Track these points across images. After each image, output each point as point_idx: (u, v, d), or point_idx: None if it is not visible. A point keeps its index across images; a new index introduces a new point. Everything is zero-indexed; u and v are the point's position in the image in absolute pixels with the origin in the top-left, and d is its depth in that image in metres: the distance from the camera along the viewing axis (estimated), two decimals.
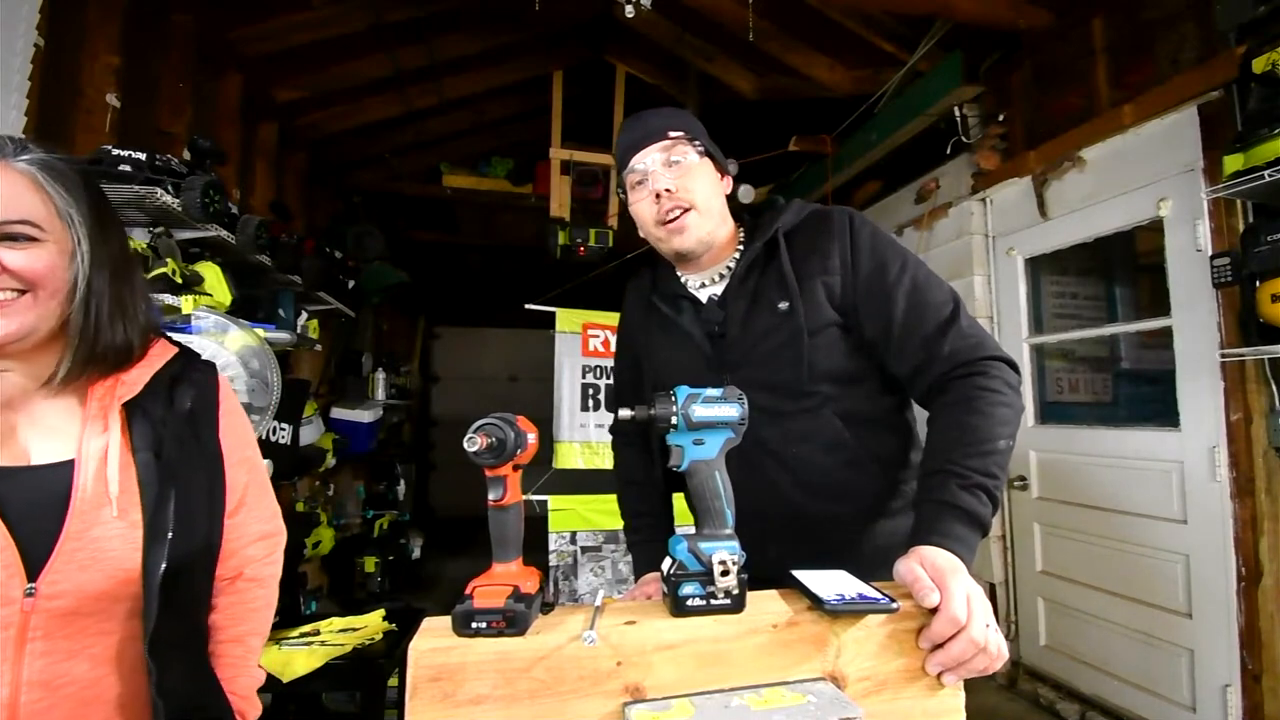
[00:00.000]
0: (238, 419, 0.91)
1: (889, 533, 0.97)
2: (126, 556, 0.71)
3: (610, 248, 3.73)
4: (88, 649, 0.71)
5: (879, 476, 0.98)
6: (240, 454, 0.89)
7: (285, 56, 3.00)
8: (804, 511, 0.97)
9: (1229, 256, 1.91)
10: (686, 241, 0.99)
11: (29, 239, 0.70)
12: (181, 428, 0.80)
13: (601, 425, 3.11)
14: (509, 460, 0.68)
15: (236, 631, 0.90)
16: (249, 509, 0.91)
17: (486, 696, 0.63)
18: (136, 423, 0.76)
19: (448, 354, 7.48)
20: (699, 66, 3.70)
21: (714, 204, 1.01)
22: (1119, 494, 2.41)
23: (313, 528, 3.18)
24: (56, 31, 1.75)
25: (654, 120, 1.01)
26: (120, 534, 0.71)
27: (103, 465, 0.72)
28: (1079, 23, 2.54)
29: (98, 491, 0.71)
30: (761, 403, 0.94)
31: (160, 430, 0.77)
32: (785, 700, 0.64)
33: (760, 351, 0.98)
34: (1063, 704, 2.59)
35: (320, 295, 2.97)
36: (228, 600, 0.90)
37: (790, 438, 0.97)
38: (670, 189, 0.97)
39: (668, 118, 1.01)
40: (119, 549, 0.71)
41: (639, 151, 0.99)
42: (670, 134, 0.98)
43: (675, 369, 1.04)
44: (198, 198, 1.79)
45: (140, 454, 0.74)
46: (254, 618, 0.92)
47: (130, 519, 0.72)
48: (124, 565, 0.71)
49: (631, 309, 1.20)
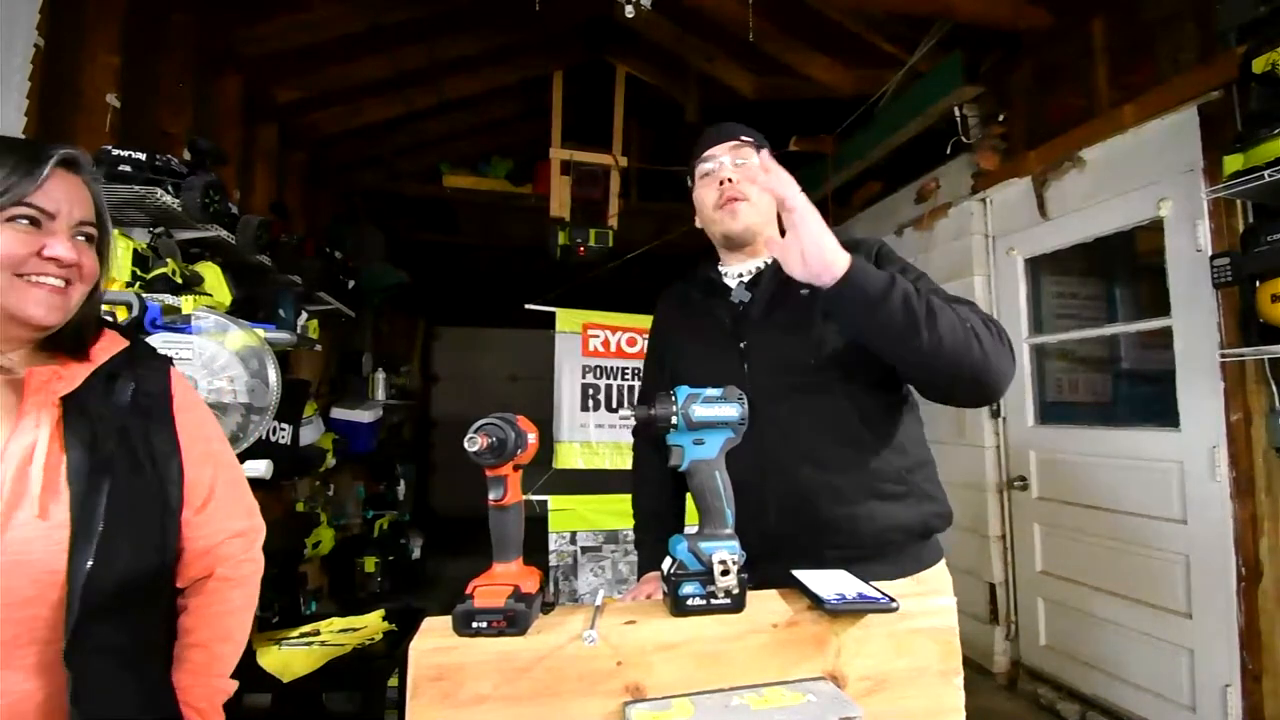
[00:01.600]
0: (196, 414, 0.89)
1: (888, 515, 0.99)
2: (51, 559, 0.69)
3: (610, 248, 3.73)
4: (15, 659, 0.68)
5: (880, 458, 1.01)
6: (201, 449, 0.87)
7: (285, 57, 3.00)
8: (801, 480, 0.99)
9: (1229, 257, 1.90)
10: (736, 224, 1.11)
11: (88, 238, 0.78)
12: (124, 421, 0.78)
13: (601, 425, 3.11)
14: (509, 460, 0.68)
15: (204, 635, 0.87)
16: (218, 506, 0.89)
17: (487, 696, 0.63)
18: (72, 418, 0.74)
19: (448, 354, 7.47)
20: (699, 66, 3.70)
21: (764, 201, 1.12)
22: (1119, 494, 2.41)
23: (313, 528, 3.18)
24: (56, 31, 1.75)
25: (732, 127, 1.16)
26: (42, 535, 0.69)
27: (26, 463, 0.70)
28: (1079, 23, 2.54)
29: (16, 490, 0.69)
30: (774, 377, 1.02)
31: (96, 425, 0.75)
32: (785, 700, 0.64)
33: (778, 329, 1.05)
34: (1063, 704, 2.59)
35: (320, 295, 2.97)
36: (199, 602, 0.88)
37: (797, 412, 1.01)
38: (732, 179, 1.10)
39: (744, 128, 1.16)
40: (41, 551, 0.68)
41: (713, 146, 1.13)
42: (743, 137, 1.13)
43: (696, 346, 1.14)
44: (198, 198, 1.79)
45: (71, 450, 0.73)
46: (227, 621, 0.89)
47: (55, 519, 0.70)
48: (49, 568, 0.69)
49: (664, 310, 1.30)
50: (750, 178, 1.10)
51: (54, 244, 0.72)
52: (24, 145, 0.74)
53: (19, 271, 0.71)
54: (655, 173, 4.75)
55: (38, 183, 0.71)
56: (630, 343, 3.14)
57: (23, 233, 0.71)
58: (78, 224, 0.75)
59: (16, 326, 0.73)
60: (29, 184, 0.71)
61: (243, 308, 2.10)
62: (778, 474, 1.00)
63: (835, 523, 0.98)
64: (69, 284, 0.74)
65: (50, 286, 0.73)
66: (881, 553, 0.99)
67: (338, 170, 4.20)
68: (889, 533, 0.99)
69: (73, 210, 0.75)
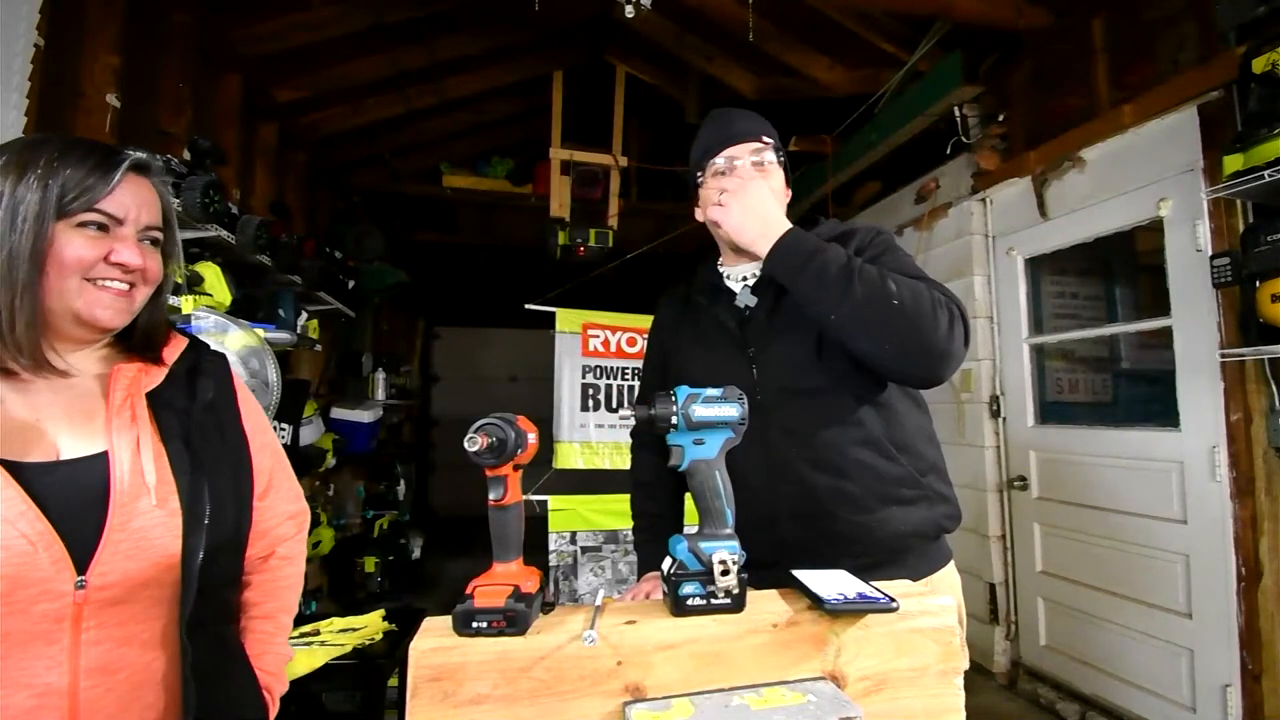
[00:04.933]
0: (254, 405, 0.94)
1: (901, 519, 0.98)
2: (169, 543, 0.74)
3: (610, 248, 3.73)
4: (138, 635, 0.73)
5: (892, 460, 0.99)
6: (262, 439, 0.93)
7: (285, 56, 3.00)
8: (815, 488, 0.98)
9: (1229, 256, 1.91)
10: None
11: (153, 241, 0.79)
12: (205, 417, 0.83)
13: (601, 425, 3.11)
14: (509, 460, 0.68)
15: (268, 608, 0.93)
16: (276, 491, 0.95)
17: (487, 696, 0.63)
18: (162, 413, 0.78)
19: (448, 354, 7.47)
20: (699, 66, 3.70)
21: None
22: (1119, 494, 2.41)
23: (312, 528, 3.16)
24: (56, 31, 1.75)
25: (748, 122, 1.10)
26: (161, 522, 0.74)
27: (136, 456, 0.74)
28: (1079, 23, 2.54)
29: (135, 482, 0.73)
30: (781, 383, 1.01)
31: (186, 420, 0.80)
32: (785, 700, 0.64)
33: (784, 333, 1.02)
34: (1063, 704, 2.59)
35: (320, 295, 2.97)
36: (261, 578, 0.94)
37: (807, 417, 1.00)
38: None
39: (760, 123, 1.10)
40: (161, 537, 0.74)
41: (732, 146, 1.07)
42: (764, 138, 1.08)
43: (702, 352, 1.11)
44: (198, 198, 1.79)
45: (171, 443, 0.77)
46: (285, 594, 0.96)
47: (169, 507, 0.75)
48: (167, 551, 0.74)
49: (664, 311, 1.27)
50: (769, 176, 1.07)
51: (121, 249, 0.75)
52: (97, 149, 0.75)
53: (88, 275, 0.74)
54: (655, 173, 4.75)
55: (110, 188, 0.73)
56: (630, 343, 3.14)
57: (92, 237, 0.73)
58: (144, 228, 0.78)
59: (82, 329, 0.75)
60: (101, 189, 0.73)
61: (243, 308, 2.10)
62: (791, 482, 0.99)
63: (852, 531, 0.97)
64: (133, 287, 0.77)
65: (116, 290, 0.76)
66: (895, 558, 0.98)
67: (338, 170, 4.20)
68: (905, 538, 0.98)
69: (140, 215, 0.77)
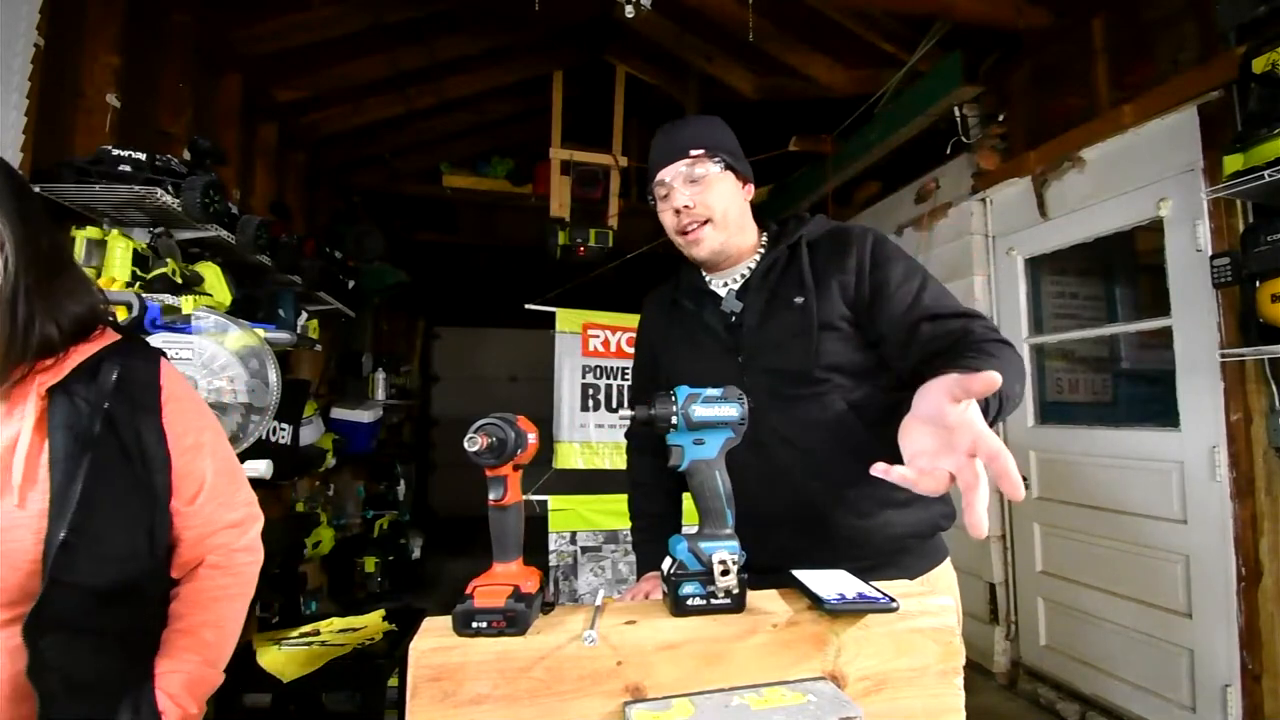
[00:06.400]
0: (186, 405, 0.89)
1: (899, 523, 0.98)
2: (33, 548, 0.71)
3: (610, 248, 3.73)
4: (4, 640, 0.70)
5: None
6: (193, 440, 0.88)
7: (285, 56, 3.00)
8: (812, 496, 0.98)
9: (1229, 256, 1.91)
10: (701, 251, 1.06)
11: None
12: (109, 407, 0.79)
13: (601, 425, 3.11)
14: (509, 460, 0.68)
15: (190, 622, 0.86)
16: (213, 497, 0.89)
17: (487, 696, 0.63)
18: (57, 405, 0.76)
19: (448, 354, 7.47)
20: (699, 66, 3.70)
21: (731, 215, 1.06)
22: (1119, 494, 2.41)
23: (313, 528, 3.18)
24: (56, 31, 1.75)
25: (679, 137, 1.06)
26: (23, 524, 0.71)
27: (9, 454, 0.72)
28: (1079, 23, 2.54)
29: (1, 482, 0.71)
30: (773, 389, 1.00)
31: (78, 409, 0.76)
32: (785, 700, 0.64)
33: (774, 339, 1.01)
34: (1063, 704, 2.59)
35: (320, 295, 2.97)
36: (188, 588, 0.88)
37: (800, 423, 0.99)
38: (689, 205, 1.03)
39: (693, 133, 1.06)
40: (21, 539, 0.70)
41: (664, 167, 1.05)
42: (692, 152, 1.03)
43: (692, 358, 1.09)
44: (198, 198, 1.79)
45: (52, 435, 0.74)
46: (215, 608, 0.88)
47: (33, 509, 0.71)
48: (29, 556, 0.71)
49: (651, 313, 1.25)
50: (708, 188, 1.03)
51: None
52: None
53: None
54: None
55: None
56: (630, 343, 3.14)
57: None
58: None
59: None
60: None
61: (243, 308, 2.10)
62: (787, 488, 0.99)
63: (850, 536, 0.97)
64: None
65: None
66: (893, 559, 0.98)
67: (338, 170, 4.20)
68: (902, 540, 0.99)
69: None
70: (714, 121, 1.10)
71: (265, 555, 0.97)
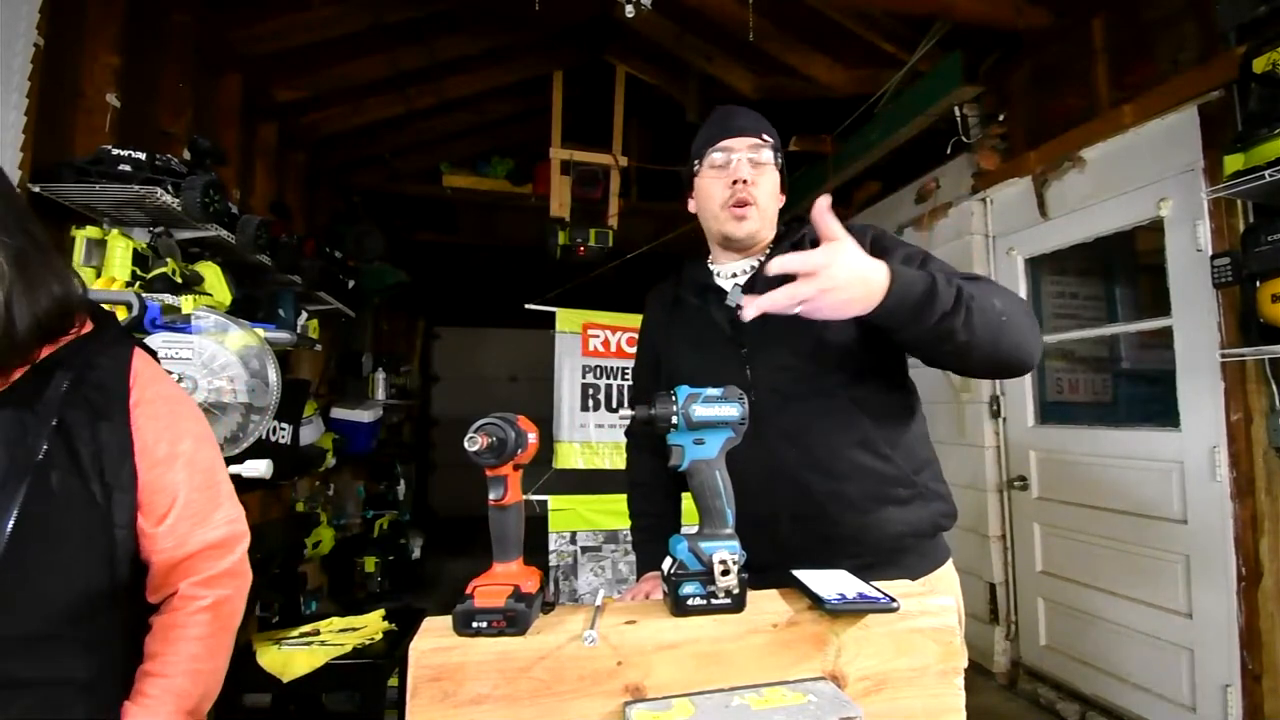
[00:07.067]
0: (160, 408, 0.80)
1: (899, 520, 0.98)
2: None
3: (610, 247, 3.73)
4: None
5: (889, 462, 0.99)
6: (166, 450, 0.78)
7: (285, 56, 3.00)
8: (812, 490, 0.98)
9: (1229, 256, 1.90)
10: (741, 230, 1.08)
11: None
12: (62, 417, 0.71)
13: (601, 425, 3.11)
14: (509, 460, 0.68)
15: (163, 664, 0.77)
16: (186, 515, 0.79)
17: (487, 696, 0.63)
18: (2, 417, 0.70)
19: (448, 354, 7.47)
20: (699, 66, 3.70)
21: (770, 208, 1.10)
22: (1119, 494, 2.41)
23: (313, 528, 3.18)
24: (56, 31, 1.75)
25: (750, 118, 1.10)
26: None
27: None
28: (1079, 23, 2.54)
29: None
30: (776, 383, 1.01)
31: (22, 423, 0.69)
32: (785, 700, 0.64)
33: (778, 333, 1.01)
34: (1063, 704, 2.59)
35: (320, 295, 2.97)
36: (161, 623, 0.79)
37: (803, 417, 1.00)
38: (749, 180, 1.06)
39: (761, 123, 1.11)
40: None
41: (733, 138, 1.08)
42: (764, 136, 1.09)
43: (696, 353, 1.10)
44: (198, 198, 1.79)
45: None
46: (189, 649, 0.78)
47: None
48: None
49: (653, 311, 1.26)
50: (765, 175, 1.07)
51: None
52: None
53: None
54: (655, 173, 4.75)
55: None
56: (630, 343, 3.14)
57: None
58: None
59: None
60: None
61: (243, 308, 2.10)
62: (787, 483, 0.99)
63: (850, 533, 0.97)
64: None
65: None
66: (893, 558, 0.98)
67: (338, 170, 4.20)
68: (902, 538, 0.99)
69: None
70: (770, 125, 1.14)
71: (265, 555, 0.93)
